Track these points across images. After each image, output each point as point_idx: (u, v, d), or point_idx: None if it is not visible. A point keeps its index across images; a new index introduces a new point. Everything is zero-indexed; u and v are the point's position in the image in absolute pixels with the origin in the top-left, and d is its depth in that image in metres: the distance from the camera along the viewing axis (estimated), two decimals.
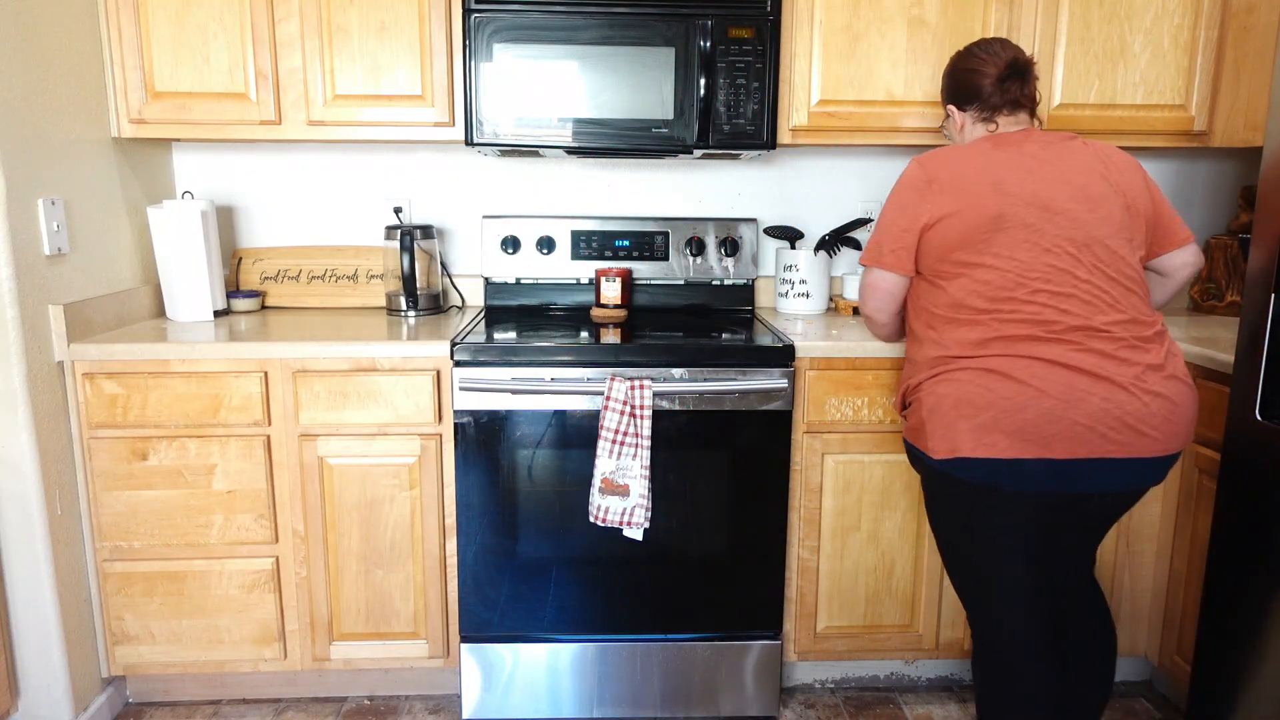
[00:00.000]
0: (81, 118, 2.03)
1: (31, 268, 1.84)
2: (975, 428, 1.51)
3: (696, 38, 2.06)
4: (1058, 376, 1.48)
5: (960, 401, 1.52)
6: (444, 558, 2.06)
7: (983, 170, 1.57)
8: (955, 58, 1.74)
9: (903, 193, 1.62)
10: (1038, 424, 1.48)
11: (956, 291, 1.56)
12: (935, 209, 1.57)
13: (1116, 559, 2.14)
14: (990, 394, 1.50)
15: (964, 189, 1.56)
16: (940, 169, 1.59)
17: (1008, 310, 1.52)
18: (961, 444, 1.52)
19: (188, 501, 1.99)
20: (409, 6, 2.10)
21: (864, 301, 1.73)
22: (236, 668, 2.08)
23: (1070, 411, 1.47)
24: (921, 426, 1.59)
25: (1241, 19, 2.14)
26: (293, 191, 2.53)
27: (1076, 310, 1.51)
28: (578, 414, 1.97)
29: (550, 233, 2.46)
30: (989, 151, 1.60)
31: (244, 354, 1.94)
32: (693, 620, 2.07)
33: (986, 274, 1.54)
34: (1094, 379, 1.48)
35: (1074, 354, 1.49)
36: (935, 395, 1.56)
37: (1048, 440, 1.48)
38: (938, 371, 1.57)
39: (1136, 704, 2.21)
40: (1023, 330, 1.51)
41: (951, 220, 1.55)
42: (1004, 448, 1.49)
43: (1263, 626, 1.62)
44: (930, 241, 1.59)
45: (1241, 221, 2.51)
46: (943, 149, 1.64)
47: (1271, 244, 1.59)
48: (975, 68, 1.68)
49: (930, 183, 1.58)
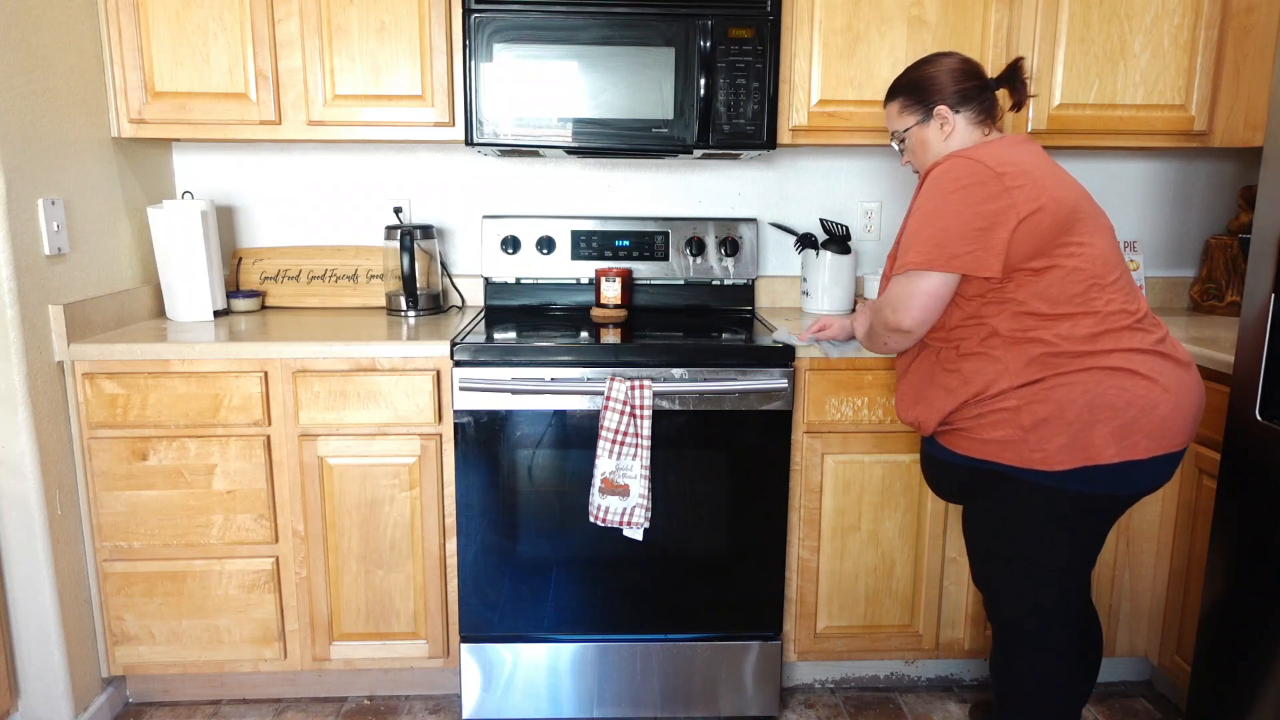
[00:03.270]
0: (81, 118, 2.03)
1: (31, 268, 1.84)
2: (1117, 430, 1.44)
3: (697, 38, 2.06)
4: (1170, 368, 1.46)
5: (1095, 405, 1.43)
6: (444, 558, 2.06)
7: (1035, 162, 1.50)
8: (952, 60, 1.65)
9: (971, 190, 1.47)
10: (1168, 420, 1.45)
11: (1047, 287, 1.46)
12: (1022, 203, 1.45)
13: (1116, 559, 2.14)
14: (1127, 394, 1.44)
15: (1036, 180, 1.47)
16: (1003, 164, 1.48)
17: (1102, 301, 1.46)
18: (1101, 451, 1.44)
19: (188, 501, 1.99)
20: (409, 6, 2.10)
21: (905, 312, 1.52)
22: (236, 668, 2.08)
23: (1184, 402, 1.47)
24: (1021, 440, 1.48)
25: (1241, 19, 2.14)
26: (293, 191, 2.53)
27: (1138, 297, 1.52)
28: (578, 414, 1.97)
29: (550, 233, 2.46)
30: (1020, 145, 1.54)
31: (244, 354, 1.94)
32: (693, 620, 2.07)
33: (1081, 262, 1.46)
34: (1188, 369, 1.50)
35: (1163, 344, 1.49)
36: (1049, 403, 1.45)
37: (1174, 434, 1.46)
38: (1038, 378, 1.46)
39: (1136, 704, 2.21)
40: (1123, 321, 1.46)
41: (1039, 215, 1.45)
42: (1144, 448, 1.45)
43: (1263, 626, 1.62)
44: (1022, 237, 1.45)
45: (1241, 221, 2.51)
46: (980, 147, 1.53)
47: (1271, 244, 1.59)
48: (979, 71, 1.64)
49: (1002, 176, 1.46)
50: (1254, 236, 1.63)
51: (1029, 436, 1.48)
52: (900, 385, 1.70)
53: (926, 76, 1.64)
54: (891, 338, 1.59)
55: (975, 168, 1.48)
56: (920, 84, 1.65)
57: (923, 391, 1.62)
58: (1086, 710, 2.18)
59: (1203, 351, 1.94)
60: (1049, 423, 1.46)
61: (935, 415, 1.59)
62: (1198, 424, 1.53)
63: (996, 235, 1.45)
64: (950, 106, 1.62)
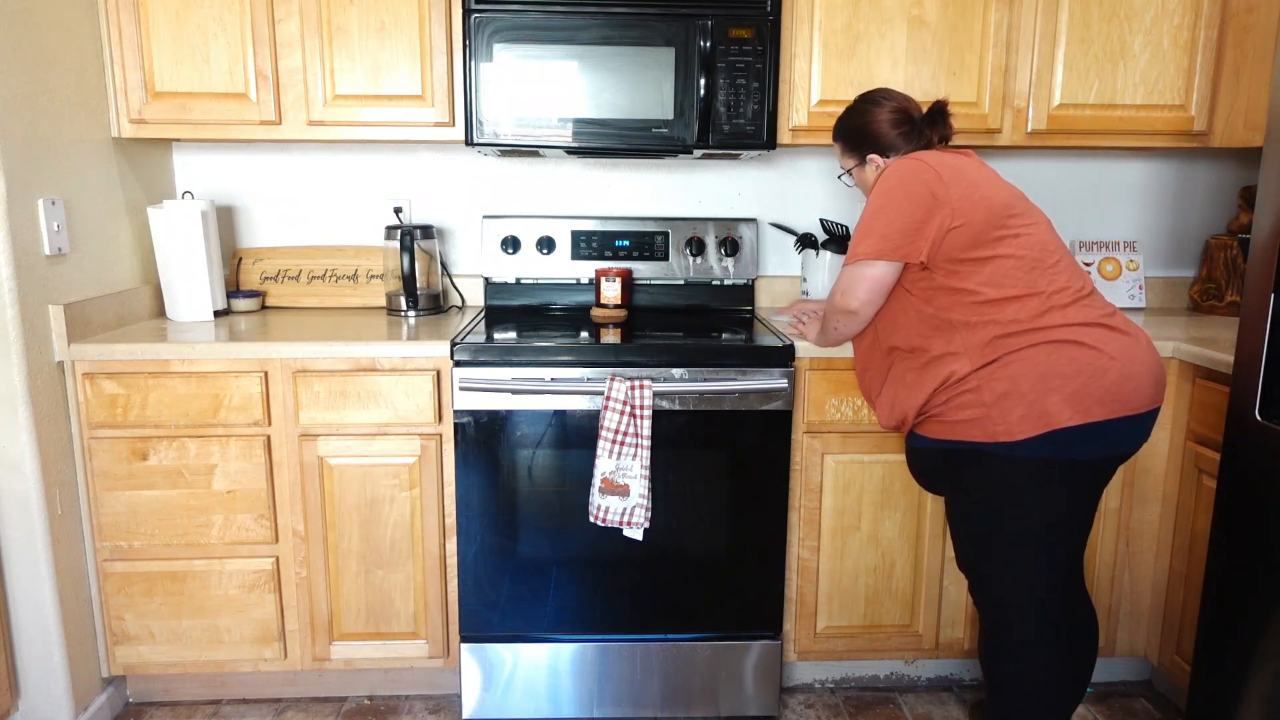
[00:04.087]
0: (82, 118, 2.03)
1: (32, 268, 1.84)
2: (1069, 396, 1.53)
3: (696, 38, 2.06)
4: (1115, 338, 1.56)
5: (1046, 374, 1.53)
6: (444, 558, 2.06)
7: (970, 165, 1.66)
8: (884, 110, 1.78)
9: (910, 184, 1.62)
10: (1118, 385, 1.53)
11: (992, 275, 1.58)
12: (956, 197, 1.59)
13: (1116, 559, 2.14)
14: (1075, 363, 1.53)
15: (969, 179, 1.61)
16: (938, 163, 1.63)
17: (1045, 280, 1.57)
18: (1056, 415, 1.53)
19: (188, 501, 1.99)
20: (409, 6, 2.10)
21: (853, 295, 1.68)
22: (236, 668, 2.08)
23: (1132, 368, 1.55)
24: (985, 417, 1.57)
25: (1241, 19, 2.14)
26: (293, 191, 2.53)
27: (1079, 276, 1.62)
28: (578, 414, 1.97)
29: (550, 233, 2.46)
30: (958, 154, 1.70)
31: (244, 354, 1.94)
32: (693, 620, 2.07)
33: (1019, 249, 1.58)
34: (1133, 339, 1.58)
35: (1108, 317, 1.59)
36: (1005, 379, 1.55)
37: (1126, 399, 1.54)
38: (994, 358, 1.56)
39: (1136, 704, 2.21)
40: (1067, 298, 1.57)
41: (975, 209, 1.58)
42: (1097, 412, 1.53)
43: (1263, 626, 1.62)
44: (958, 233, 1.58)
45: (1241, 221, 2.51)
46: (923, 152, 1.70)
47: (1271, 244, 1.59)
48: (911, 115, 1.77)
49: (940, 175, 1.60)
50: (1254, 236, 1.63)
51: (991, 412, 1.57)
52: (880, 399, 1.79)
53: (859, 127, 1.81)
54: (840, 320, 1.75)
55: (915, 166, 1.64)
56: (855, 133, 1.82)
57: (898, 395, 1.72)
58: (1086, 710, 2.18)
59: (1203, 351, 1.94)
60: (1008, 396, 1.56)
61: (912, 410, 1.69)
62: (1156, 389, 1.58)
63: (929, 227, 1.59)
64: (881, 153, 1.79)
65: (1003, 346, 1.56)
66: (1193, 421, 2.01)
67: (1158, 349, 2.03)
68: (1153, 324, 2.30)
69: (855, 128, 1.81)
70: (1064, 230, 2.63)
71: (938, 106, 1.76)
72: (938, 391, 1.63)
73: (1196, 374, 1.99)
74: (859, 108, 1.82)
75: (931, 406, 1.65)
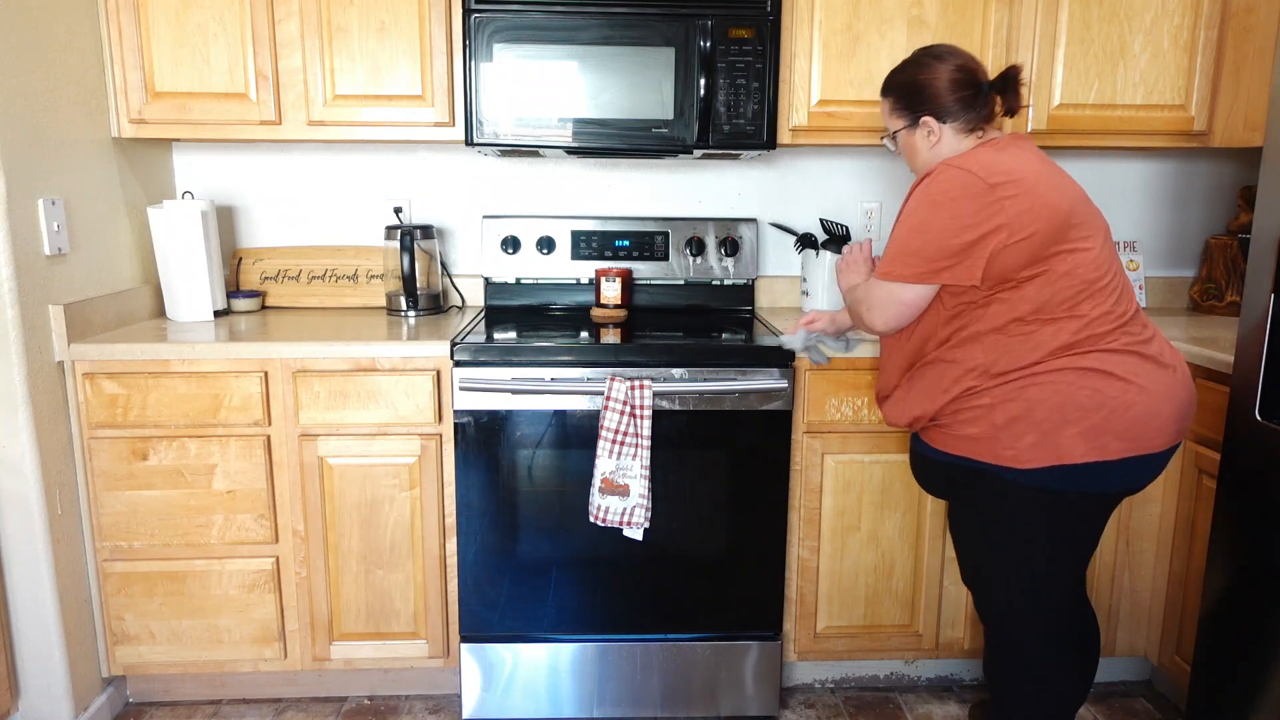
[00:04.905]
0: (82, 118, 2.03)
1: (32, 268, 1.84)
2: (1086, 430, 1.44)
3: (696, 38, 2.06)
4: (1150, 370, 1.47)
5: (1064, 405, 1.45)
6: (444, 558, 2.06)
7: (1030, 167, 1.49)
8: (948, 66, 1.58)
9: (962, 201, 1.46)
10: (1142, 422, 1.45)
11: (1038, 293, 1.47)
12: (1014, 215, 1.44)
13: (1116, 559, 2.14)
14: (1099, 395, 1.44)
15: (1030, 189, 1.46)
16: (995, 173, 1.47)
17: (1090, 305, 1.47)
18: (1069, 450, 1.45)
19: (188, 501, 1.99)
20: (409, 6, 2.10)
21: (879, 317, 1.58)
22: (236, 668, 2.08)
23: (1164, 405, 1.47)
24: (993, 438, 1.50)
25: (1241, 19, 2.14)
26: (293, 191, 2.53)
27: (1129, 298, 1.52)
28: (578, 414, 1.97)
29: (550, 233, 2.46)
30: (1015, 147, 1.53)
31: (244, 354, 1.94)
32: (693, 620, 2.07)
33: (1073, 267, 1.46)
34: (1171, 371, 1.49)
35: (1148, 345, 1.49)
36: (1021, 402, 1.47)
37: (1148, 438, 1.47)
38: (1014, 376, 1.48)
39: (1136, 704, 2.21)
40: (1106, 325, 1.47)
41: (1033, 230, 1.45)
42: (1114, 449, 1.45)
43: (1263, 627, 1.62)
44: (1015, 250, 1.45)
45: (1241, 221, 2.51)
46: (972, 155, 1.52)
47: (1271, 244, 1.59)
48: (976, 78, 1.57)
49: (994, 188, 1.45)
50: (1254, 236, 1.63)
51: (1000, 434, 1.50)
52: (894, 398, 1.70)
53: (919, 83, 1.60)
54: (862, 328, 1.67)
55: (965, 179, 1.47)
56: (911, 89, 1.62)
57: (913, 398, 1.64)
58: (1086, 710, 2.18)
59: (1203, 351, 1.94)
60: (1019, 421, 1.48)
61: (926, 415, 1.61)
62: (1182, 427, 1.52)
63: (982, 249, 1.45)
64: (937, 117, 1.59)
65: (1018, 371, 1.47)
66: (1193, 421, 2.01)
67: None
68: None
69: (912, 82, 1.61)
70: None
71: (1011, 72, 1.57)
72: (954, 400, 1.55)
73: (1196, 374, 1.99)
74: (919, 60, 1.61)
75: (943, 415, 1.58)
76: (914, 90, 1.61)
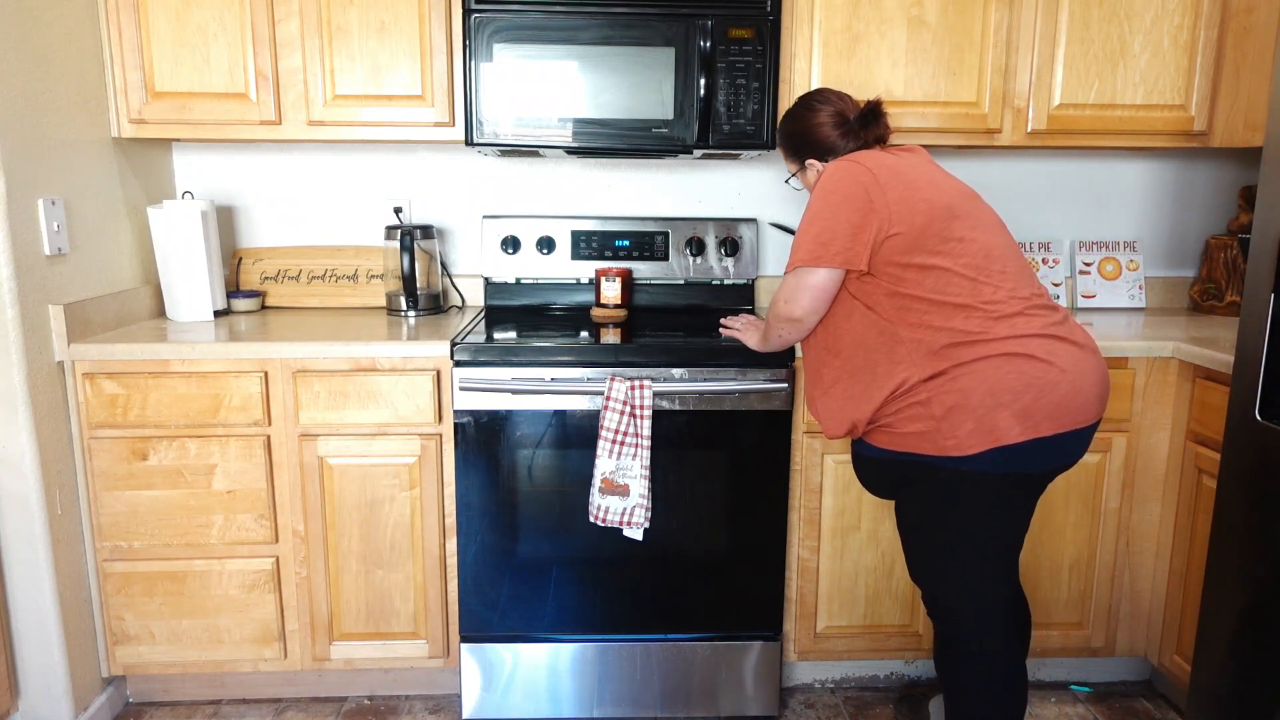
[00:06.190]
0: (81, 118, 2.03)
1: (32, 268, 1.84)
2: (1018, 412, 1.51)
3: (697, 38, 2.06)
4: (1067, 350, 1.54)
5: (995, 390, 1.51)
6: (444, 558, 2.06)
7: (911, 165, 1.63)
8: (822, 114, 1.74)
9: (846, 186, 1.59)
10: (1068, 399, 1.52)
11: (936, 283, 1.55)
12: (893, 200, 1.56)
13: (1116, 559, 2.14)
14: (1025, 377, 1.51)
15: (908, 181, 1.58)
16: (875, 165, 1.60)
17: (989, 290, 1.54)
18: (1005, 432, 1.51)
19: (188, 501, 1.99)
20: (409, 6, 2.10)
21: (796, 303, 1.65)
22: (236, 668, 2.08)
23: (1082, 383, 1.53)
24: (935, 430, 1.55)
25: (1241, 19, 2.14)
26: (293, 191, 2.53)
27: (1029, 282, 1.60)
28: (578, 414, 1.97)
29: (550, 233, 2.46)
30: (901, 152, 1.68)
31: (244, 354, 1.94)
32: (692, 620, 2.07)
33: (959, 260, 1.55)
34: (1082, 349, 1.56)
35: (1058, 325, 1.56)
36: (954, 392, 1.52)
37: (1075, 413, 1.53)
38: (943, 370, 1.53)
39: (1136, 704, 2.21)
40: (1014, 307, 1.54)
41: (913, 213, 1.55)
42: (1045, 427, 1.52)
43: (1263, 626, 1.62)
44: (897, 239, 1.56)
45: (1241, 221, 2.51)
46: (864, 152, 1.67)
47: (1271, 244, 1.59)
48: (847, 118, 1.73)
49: (877, 177, 1.58)
50: (1254, 236, 1.63)
51: (941, 426, 1.55)
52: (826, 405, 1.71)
53: (798, 133, 1.78)
54: (785, 328, 1.71)
55: (853, 169, 1.61)
56: (793, 139, 1.79)
57: (848, 403, 1.66)
58: (1086, 710, 2.18)
59: (1203, 351, 1.94)
60: (956, 410, 1.53)
61: (863, 419, 1.64)
62: (1102, 401, 1.58)
63: (867, 231, 1.57)
64: (819, 158, 1.76)
65: (951, 358, 1.53)
66: (1193, 421, 2.01)
67: (1151, 349, 2.03)
68: (1153, 324, 2.30)
69: (792, 133, 1.79)
70: (1064, 230, 2.63)
71: (870, 107, 1.72)
72: (889, 401, 1.59)
73: (1196, 374, 1.99)
74: (797, 113, 1.79)
75: (882, 415, 1.61)
76: (795, 139, 1.79)
